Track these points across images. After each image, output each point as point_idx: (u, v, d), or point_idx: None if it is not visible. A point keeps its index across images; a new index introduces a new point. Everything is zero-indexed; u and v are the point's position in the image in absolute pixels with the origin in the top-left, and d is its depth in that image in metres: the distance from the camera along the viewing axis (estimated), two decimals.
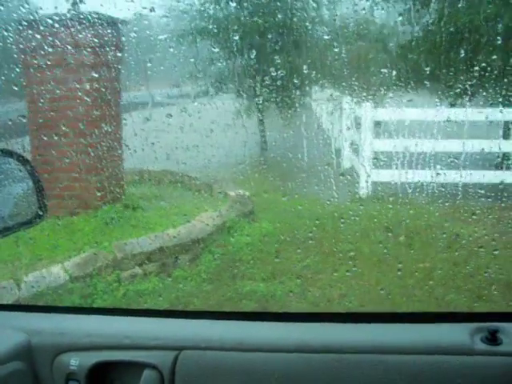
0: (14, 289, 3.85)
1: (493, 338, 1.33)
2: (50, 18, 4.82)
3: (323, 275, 4.08)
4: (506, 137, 6.37)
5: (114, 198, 5.06)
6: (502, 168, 6.22)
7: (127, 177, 5.60)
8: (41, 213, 1.66)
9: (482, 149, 5.75)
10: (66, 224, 4.74)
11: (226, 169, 6.50)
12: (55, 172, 4.96)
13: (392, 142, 5.57)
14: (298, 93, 7.57)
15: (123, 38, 5.30)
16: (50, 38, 4.82)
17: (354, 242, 4.64)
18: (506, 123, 6.34)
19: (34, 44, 4.80)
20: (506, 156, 6.36)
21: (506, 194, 5.17)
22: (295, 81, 7.14)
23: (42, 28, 4.83)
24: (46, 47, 4.81)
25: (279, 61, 7.36)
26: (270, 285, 3.95)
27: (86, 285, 3.90)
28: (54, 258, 4.23)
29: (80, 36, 4.85)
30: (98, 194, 4.97)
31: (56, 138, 4.91)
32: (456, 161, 5.52)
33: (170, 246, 4.29)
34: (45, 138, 4.90)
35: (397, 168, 5.63)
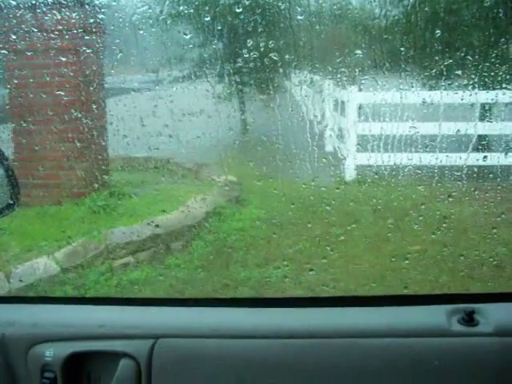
0: (3, 281, 3.77)
1: (469, 319, 1.35)
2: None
3: (316, 259, 4.10)
4: (481, 119, 6.46)
5: (100, 186, 4.98)
6: (479, 150, 6.30)
7: (110, 164, 5.52)
8: (11, 202, 1.60)
9: (458, 130, 5.79)
10: (52, 213, 4.66)
11: (206, 154, 6.44)
12: (38, 160, 4.86)
13: (376, 125, 5.59)
14: (277, 75, 7.51)
15: (99, 20, 5.16)
16: (27, 21, 4.68)
17: (343, 225, 4.66)
18: (483, 105, 6.41)
19: (10, 27, 4.65)
20: (482, 138, 6.44)
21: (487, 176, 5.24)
22: (274, 63, 7.07)
23: (17, 10, 4.68)
24: (23, 31, 4.66)
25: (256, 43, 7.27)
26: (264, 270, 3.95)
27: (78, 275, 3.85)
28: (42, 249, 4.15)
29: (58, 19, 4.72)
30: (83, 182, 4.88)
31: (38, 124, 4.80)
32: (435, 143, 5.59)
33: (160, 234, 4.25)
34: (26, 125, 4.78)
35: (381, 151, 5.66)
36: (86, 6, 4.93)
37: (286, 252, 4.19)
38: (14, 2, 4.77)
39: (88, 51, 4.91)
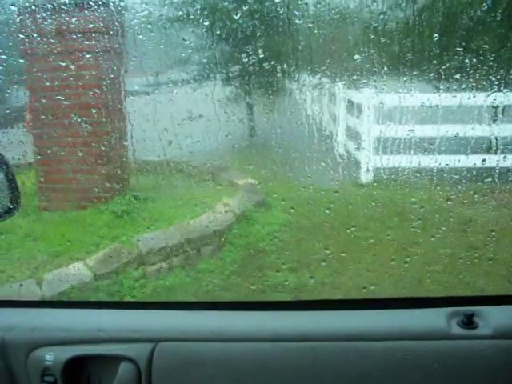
0: (35, 288, 3.69)
1: (469, 321, 1.36)
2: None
3: (350, 264, 4.07)
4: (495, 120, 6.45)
5: (121, 190, 4.90)
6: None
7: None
8: (11, 207, 1.60)
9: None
10: (75, 218, 4.56)
11: (218, 157, 6.37)
12: (59, 164, 4.76)
13: (395, 127, 5.57)
14: (283, 79, 7.46)
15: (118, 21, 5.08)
16: (49, 24, 4.59)
17: (369, 228, 4.65)
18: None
19: (33, 30, 4.56)
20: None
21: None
22: (280, 66, 7.02)
23: (40, 13, 4.59)
24: (45, 33, 4.57)
25: (261, 47, 7.22)
26: (299, 275, 3.91)
27: (112, 282, 3.77)
28: (71, 255, 4.07)
29: (80, 21, 4.64)
30: (105, 186, 4.79)
31: (59, 128, 4.71)
32: (457, 145, 5.58)
33: (190, 239, 4.19)
34: (47, 128, 4.69)
35: (398, 153, 5.65)
36: (104, 8, 4.86)
37: (319, 256, 4.15)
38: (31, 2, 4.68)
39: (108, 53, 4.83)
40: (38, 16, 4.58)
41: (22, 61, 4.70)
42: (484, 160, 6.05)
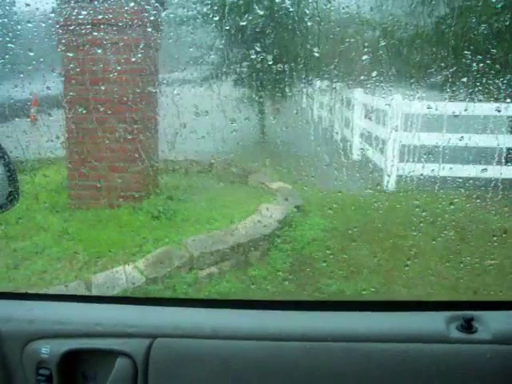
0: (84, 290, 3.50)
1: (468, 326, 1.36)
2: None
3: (400, 272, 4.00)
4: None
5: (153, 189, 4.73)
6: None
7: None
8: (12, 198, 1.58)
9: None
10: (110, 218, 4.37)
11: (245, 160, 6.20)
12: (92, 160, 4.55)
13: (421, 134, 5.56)
14: (298, 83, 7.38)
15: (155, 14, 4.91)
16: (86, 15, 4.40)
17: (409, 236, 4.61)
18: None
19: (71, 22, 4.36)
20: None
21: None
22: (295, 70, 6.94)
23: (78, 4, 4.40)
24: (83, 25, 4.38)
25: (278, 50, 7.12)
26: (353, 283, 3.82)
27: (164, 287, 3.61)
28: (113, 256, 3.88)
29: (118, 14, 4.47)
30: (138, 185, 4.61)
31: (92, 123, 4.51)
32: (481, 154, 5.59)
33: (236, 243, 4.05)
34: (82, 123, 4.48)
35: (424, 161, 5.63)
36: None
37: (367, 264, 4.08)
38: None
39: (146, 47, 4.66)
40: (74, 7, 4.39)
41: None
42: None
